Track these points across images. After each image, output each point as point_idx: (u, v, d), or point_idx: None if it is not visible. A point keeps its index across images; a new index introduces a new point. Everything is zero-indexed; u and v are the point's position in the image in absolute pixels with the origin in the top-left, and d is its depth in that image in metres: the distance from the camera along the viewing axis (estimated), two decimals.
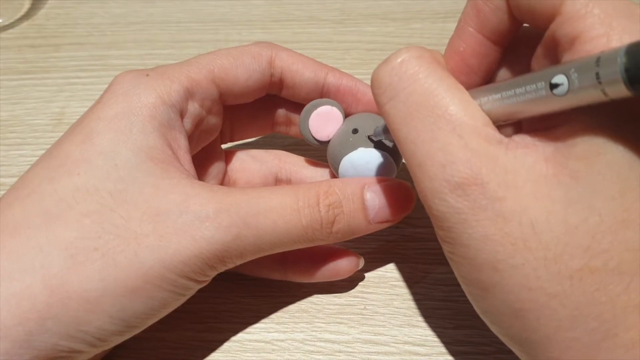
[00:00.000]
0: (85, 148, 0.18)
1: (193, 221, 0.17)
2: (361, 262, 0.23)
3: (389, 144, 0.21)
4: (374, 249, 0.25)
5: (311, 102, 0.22)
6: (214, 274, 0.19)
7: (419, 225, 0.26)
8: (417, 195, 0.21)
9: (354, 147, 0.21)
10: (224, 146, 0.25)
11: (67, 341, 0.16)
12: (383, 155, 0.21)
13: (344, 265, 0.22)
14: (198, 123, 0.21)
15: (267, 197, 0.18)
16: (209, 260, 0.18)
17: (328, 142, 0.23)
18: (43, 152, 0.19)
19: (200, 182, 0.19)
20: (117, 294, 0.17)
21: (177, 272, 0.17)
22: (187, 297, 0.19)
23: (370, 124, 0.22)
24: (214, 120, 0.22)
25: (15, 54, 0.34)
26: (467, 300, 0.23)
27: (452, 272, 0.24)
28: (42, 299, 0.16)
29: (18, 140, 0.29)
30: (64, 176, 0.17)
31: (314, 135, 0.23)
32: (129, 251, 0.17)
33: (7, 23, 0.36)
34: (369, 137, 0.21)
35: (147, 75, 0.20)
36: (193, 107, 0.21)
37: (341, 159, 0.22)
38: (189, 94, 0.20)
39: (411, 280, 0.24)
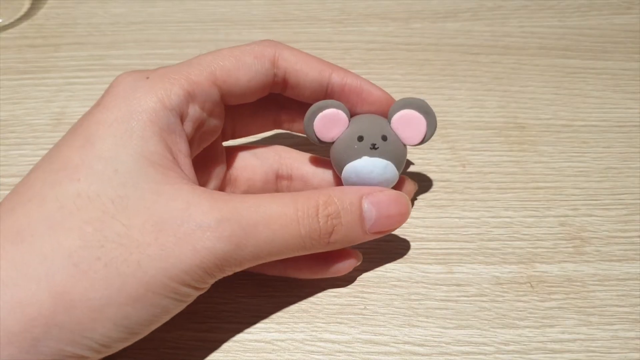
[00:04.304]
0: (85, 153, 0.18)
1: (195, 231, 0.17)
2: (360, 258, 0.23)
3: (393, 150, 0.21)
4: (374, 249, 0.25)
5: (316, 104, 0.22)
6: (212, 281, 0.19)
7: (419, 225, 0.26)
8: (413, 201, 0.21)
9: (358, 155, 0.21)
10: (224, 143, 0.25)
11: (72, 347, 0.16)
12: (386, 165, 0.21)
13: (343, 261, 0.22)
14: (199, 126, 0.21)
15: (267, 206, 0.19)
16: (209, 269, 0.18)
17: (332, 142, 0.23)
18: (43, 152, 0.19)
19: (201, 189, 0.19)
20: (120, 302, 0.17)
21: (179, 280, 0.17)
22: (188, 303, 0.19)
23: (375, 130, 0.22)
24: (215, 122, 0.22)
25: (15, 53, 0.34)
26: (467, 301, 0.23)
27: (452, 272, 0.24)
28: (48, 307, 0.16)
29: (18, 140, 0.29)
30: (64, 181, 0.17)
31: (319, 136, 0.22)
32: (131, 260, 0.17)
33: (6, 23, 0.36)
34: (373, 146, 0.21)
35: (147, 78, 0.20)
36: (194, 110, 0.20)
37: (345, 165, 0.22)
38: (189, 97, 0.20)
39: (411, 280, 0.24)
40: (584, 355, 0.22)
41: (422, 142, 0.22)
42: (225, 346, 0.22)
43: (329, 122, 0.22)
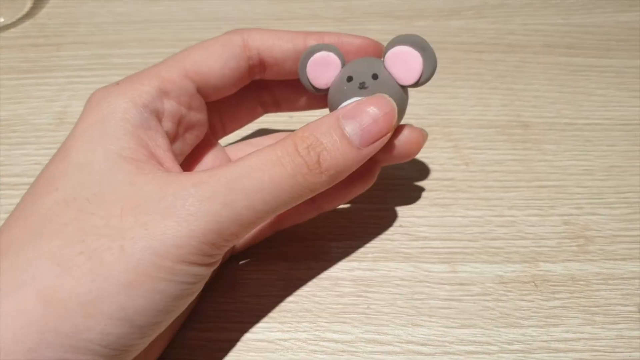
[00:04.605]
0: (63, 164, 0.18)
1: (174, 202, 0.17)
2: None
3: (385, 90, 0.20)
4: (378, 248, 0.25)
5: (308, 48, 0.21)
6: (219, 252, 0.18)
7: (422, 224, 0.26)
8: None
9: (347, 97, 0.20)
10: (222, 142, 0.25)
11: (73, 354, 0.16)
12: None
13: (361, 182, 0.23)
14: (179, 120, 0.21)
15: (244, 160, 0.18)
16: (204, 238, 0.17)
17: (328, 89, 0.22)
18: (46, 151, 0.19)
19: (179, 172, 0.18)
20: (111, 292, 0.16)
21: (172, 258, 0.16)
22: (199, 284, 0.18)
23: (365, 71, 0.21)
24: (197, 116, 0.22)
25: (17, 53, 0.34)
26: (471, 300, 0.23)
27: (455, 271, 0.24)
28: (38, 311, 0.15)
29: (20, 140, 0.29)
30: (43, 195, 0.17)
31: (312, 82, 0.21)
32: (114, 247, 0.16)
33: (9, 22, 0.36)
34: (362, 85, 0.20)
35: (117, 84, 0.20)
36: (170, 105, 0.20)
37: (336, 109, 0.21)
38: (162, 93, 0.20)
39: (414, 280, 0.24)
40: (588, 354, 0.22)
41: (419, 81, 0.20)
42: (229, 346, 0.22)
43: (321, 66, 0.21)
